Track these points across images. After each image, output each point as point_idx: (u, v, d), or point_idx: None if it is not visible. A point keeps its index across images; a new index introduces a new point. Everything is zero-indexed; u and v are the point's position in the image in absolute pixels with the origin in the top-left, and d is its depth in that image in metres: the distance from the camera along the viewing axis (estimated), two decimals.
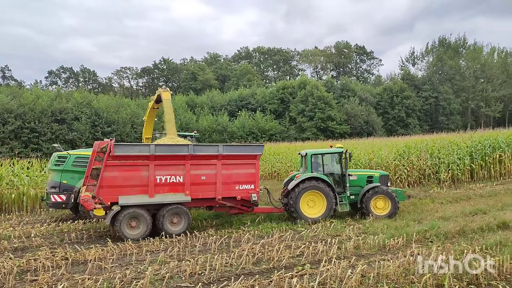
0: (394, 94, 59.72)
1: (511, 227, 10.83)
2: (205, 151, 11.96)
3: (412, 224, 11.75)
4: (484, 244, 8.80)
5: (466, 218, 12.19)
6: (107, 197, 10.81)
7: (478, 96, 67.45)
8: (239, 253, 8.78)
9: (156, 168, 11.26)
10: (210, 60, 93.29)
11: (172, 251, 9.24)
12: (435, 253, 7.94)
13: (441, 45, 75.38)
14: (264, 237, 10.62)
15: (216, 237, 10.47)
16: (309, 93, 54.00)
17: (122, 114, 43.52)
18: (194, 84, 79.95)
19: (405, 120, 58.91)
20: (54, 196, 13.63)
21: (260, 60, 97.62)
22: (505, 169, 22.07)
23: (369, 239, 9.81)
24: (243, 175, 12.39)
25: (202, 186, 11.84)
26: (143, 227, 11.02)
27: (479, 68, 68.75)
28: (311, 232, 11.03)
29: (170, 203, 11.37)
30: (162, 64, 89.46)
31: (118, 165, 10.95)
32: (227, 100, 59.40)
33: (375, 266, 7.49)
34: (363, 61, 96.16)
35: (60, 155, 14.14)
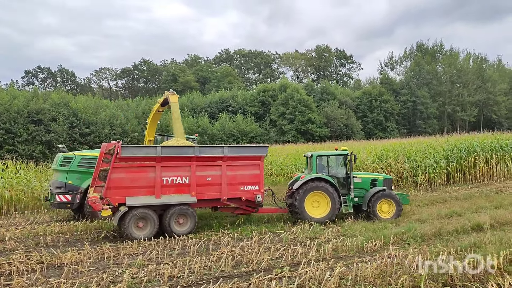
0: (373, 98, 60.53)
1: (485, 229, 11.09)
2: (210, 152, 12.26)
3: (389, 226, 11.93)
4: (459, 246, 8.99)
5: (442, 221, 12.44)
6: (114, 198, 10.97)
7: (454, 100, 68.93)
8: (218, 256, 8.75)
9: (163, 170, 11.48)
10: (191, 62, 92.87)
11: (151, 254, 9.15)
12: (411, 255, 8.06)
13: (419, 50, 76.80)
14: (243, 239, 10.62)
15: (195, 240, 10.44)
16: (289, 96, 54.28)
17: (101, 115, 42.86)
18: (175, 85, 79.34)
19: (384, 124, 59.74)
20: (60, 196, 13.76)
21: (241, 62, 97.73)
22: (479, 172, 22.61)
23: (348, 241, 9.91)
24: (247, 176, 12.63)
25: (208, 187, 12.06)
26: (150, 227, 11.19)
27: (455, 73, 70.30)
28: (291, 235, 11.09)
29: (176, 203, 11.56)
30: (142, 65, 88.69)
31: (125, 166, 11.16)
32: (207, 102, 59.17)
33: (353, 268, 7.58)
34: (343, 65, 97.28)
35: (65, 156, 14.30)
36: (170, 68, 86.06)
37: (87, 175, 13.54)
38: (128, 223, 10.92)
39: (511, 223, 11.96)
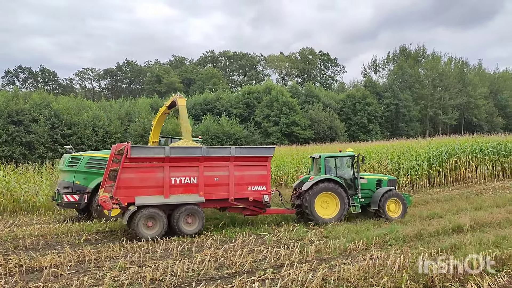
0: (357, 100, 61.02)
1: (465, 230, 11.28)
2: (218, 153, 12.48)
3: (372, 228, 12.03)
4: (440, 247, 9.12)
5: (423, 222, 12.62)
6: (124, 197, 11.13)
7: (436, 104, 69.94)
8: (201, 259, 8.70)
9: (171, 170, 11.65)
10: (175, 63, 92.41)
11: (133, 257, 9.04)
12: (393, 256, 8.14)
13: (402, 54, 77.77)
14: (227, 242, 10.57)
15: (178, 242, 10.35)
16: (274, 98, 54.39)
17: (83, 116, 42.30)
18: (159, 87, 78.91)
19: (367, 126, 60.26)
20: (67, 196, 13.99)
21: (226, 64, 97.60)
22: (460, 175, 23.01)
23: (331, 243, 9.96)
24: (255, 176, 12.79)
25: (216, 187, 12.23)
26: (159, 226, 11.35)
27: (437, 77, 71.36)
28: (274, 237, 11.10)
29: (184, 203, 11.72)
30: (125, 66, 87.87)
31: (135, 166, 11.33)
32: (192, 104, 58.88)
33: (335, 269, 7.61)
34: (327, 68, 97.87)
35: (73, 157, 14.48)
36: (154, 69, 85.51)
37: (94, 176, 14.03)
38: (137, 223, 11.05)
39: (490, 224, 12.19)
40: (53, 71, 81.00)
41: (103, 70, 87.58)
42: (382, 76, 78.54)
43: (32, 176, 19.98)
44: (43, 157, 37.50)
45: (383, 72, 79.63)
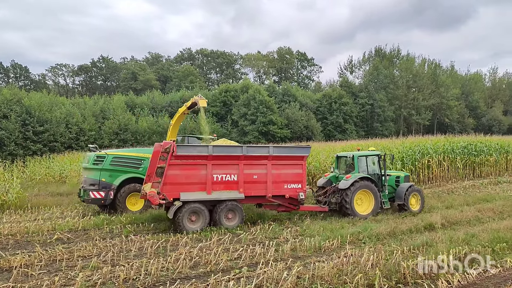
0: (333, 100, 61.61)
1: (437, 228, 11.54)
2: (257, 152, 13.00)
3: (346, 226, 12.17)
4: (412, 245, 9.31)
5: (397, 220, 12.84)
6: (170, 193, 11.70)
7: (410, 104, 71.29)
8: (176, 257, 8.62)
9: (213, 167, 12.22)
10: (152, 60, 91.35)
11: (106, 256, 8.90)
12: (367, 254, 8.25)
13: (377, 55, 78.95)
14: (202, 240, 10.51)
15: (152, 241, 10.22)
16: (251, 97, 54.41)
17: (56, 113, 41.42)
18: (134, 84, 77.85)
19: (343, 126, 60.93)
20: (94, 192, 14.62)
21: (203, 62, 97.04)
22: (432, 174, 23.54)
23: (306, 241, 10.03)
24: (291, 174, 13.32)
25: (254, 185, 12.80)
26: (201, 221, 11.99)
27: (411, 78, 72.74)
28: (250, 235, 11.10)
29: (225, 199, 12.27)
30: (100, 62, 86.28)
31: (180, 164, 11.90)
32: (168, 102, 58.35)
33: (310, 267, 7.67)
34: (304, 68, 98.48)
35: (98, 155, 15.13)
36: (130, 66, 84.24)
37: (119, 173, 14.91)
38: (182, 217, 11.63)
39: (460, 222, 12.52)
40: (25, 67, 78.74)
41: (77, 66, 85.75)
42: (358, 77, 79.61)
43: (2, 174, 19.38)
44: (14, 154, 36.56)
45: (358, 73, 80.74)
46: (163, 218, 13.78)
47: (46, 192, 21.96)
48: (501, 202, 15.63)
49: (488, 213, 13.71)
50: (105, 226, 12.58)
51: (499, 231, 10.36)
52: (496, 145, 27.59)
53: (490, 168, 26.80)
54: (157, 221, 13.49)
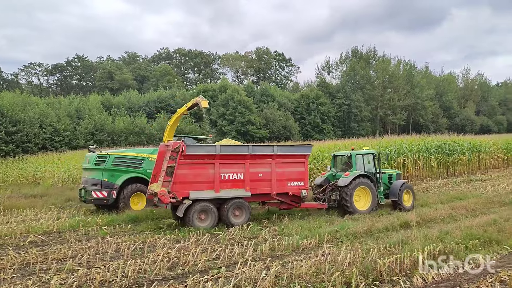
0: (311, 100, 62.06)
1: (412, 226, 11.75)
2: (262, 151, 13.50)
3: (324, 225, 12.28)
4: (388, 243, 9.44)
5: (373, 219, 13.02)
6: (179, 192, 11.93)
7: (386, 104, 72.41)
8: (154, 259, 8.54)
9: (221, 166, 12.51)
10: (128, 60, 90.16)
11: (81, 259, 8.74)
12: (344, 252, 8.35)
13: (353, 55, 79.81)
14: (180, 241, 10.43)
15: (129, 243, 10.07)
16: (229, 97, 54.33)
17: (30, 113, 40.45)
18: (111, 83, 76.69)
19: (320, 126, 61.44)
20: (96, 192, 14.88)
21: (181, 62, 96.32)
22: (408, 173, 23.98)
23: (284, 240, 10.08)
24: (294, 172, 13.78)
25: (260, 183, 13.18)
26: (210, 219, 12.27)
27: (387, 78, 73.88)
28: (228, 235, 11.08)
29: (233, 197, 12.59)
30: (75, 62, 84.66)
31: (189, 163, 12.15)
32: (145, 101, 57.76)
33: (288, 266, 7.71)
34: (282, 68, 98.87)
35: (100, 155, 15.41)
36: (106, 65, 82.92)
37: (121, 173, 15.24)
38: (192, 215, 11.93)
39: (435, 220, 12.78)
40: None
41: (51, 65, 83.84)
42: (335, 77, 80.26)
43: None
44: None
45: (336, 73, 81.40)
46: (141, 219, 13.65)
47: (19, 194, 21.43)
48: (474, 200, 16.02)
49: (461, 211, 14.05)
50: (81, 228, 12.36)
51: (472, 228, 10.62)
52: (468, 145, 28.32)
53: (463, 166, 27.50)
54: (134, 222, 13.34)
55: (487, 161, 29.48)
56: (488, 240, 9.75)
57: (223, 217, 12.41)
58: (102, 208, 15.64)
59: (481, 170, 28.59)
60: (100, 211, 15.82)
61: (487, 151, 29.54)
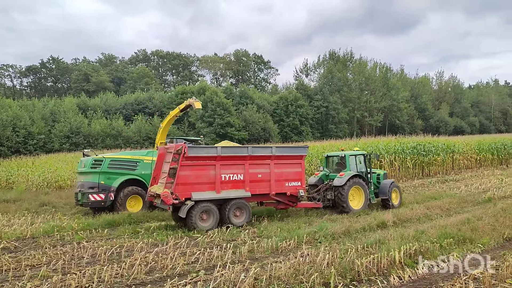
0: (289, 103, 62.33)
1: (389, 226, 11.93)
2: (261, 152, 13.82)
3: (303, 226, 12.35)
4: (366, 243, 9.55)
5: (351, 219, 13.16)
6: (182, 193, 12.02)
7: (363, 106, 73.37)
8: (131, 263, 8.42)
9: (221, 168, 12.73)
10: (105, 61, 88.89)
11: (56, 265, 8.54)
12: (322, 253, 8.41)
13: (331, 58, 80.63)
14: (158, 245, 10.31)
15: (106, 247, 9.90)
16: (208, 99, 54.09)
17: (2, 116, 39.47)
18: (87, 85, 75.47)
19: (299, 128, 61.75)
20: (94, 195, 15.16)
21: (159, 63, 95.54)
22: None
23: (263, 242, 10.09)
24: (291, 173, 14.11)
25: (259, 183, 13.46)
26: (212, 219, 12.46)
27: (364, 81, 74.91)
28: (207, 238, 11.01)
29: (233, 198, 12.82)
30: (50, 63, 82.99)
31: (191, 165, 12.31)
32: (122, 104, 57.03)
33: (267, 268, 7.72)
34: (261, 70, 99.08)
35: (96, 159, 15.71)
36: (82, 67, 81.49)
37: (117, 176, 15.58)
38: (194, 216, 12.03)
39: (411, 220, 13.02)
40: None
41: (25, 67, 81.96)
42: (313, 80, 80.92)
43: None
44: None
45: (314, 76, 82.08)
46: (118, 223, 13.45)
47: None
48: (448, 200, 16.39)
49: (436, 210, 14.35)
50: (56, 233, 12.08)
51: (446, 227, 10.85)
52: (443, 145, 28.96)
53: (438, 167, 28.08)
54: (111, 226, 13.14)
55: (460, 161, 30.18)
56: (462, 238, 9.97)
57: (224, 218, 12.59)
58: (98, 211, 15.60)
59: (455, 170, 29.25)
60: (76, 215, 15.54)
61: (460, 152, 30.26)
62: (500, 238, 10.26)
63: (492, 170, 29.65)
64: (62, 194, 21.38)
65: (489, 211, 13.21)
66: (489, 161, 32.49)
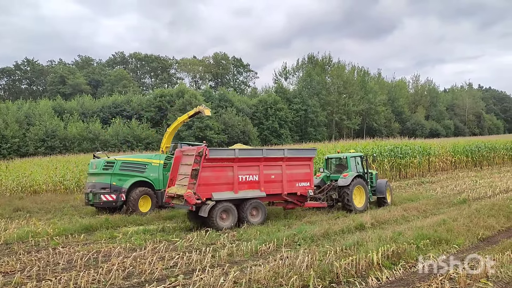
0: (268, 106, 62.63)
1: (367, 228, 12.05)
2: (274, 154, 14.46)
3: (282, 229, 12.35)
4: (344, 245, 9.61)
5: (330, 221, 13.25)
6: (203, 193, 12.50)
7: (341, 110, 74.27)
8: (108, 268, 8.26)
9: (239, 169, 13.25)
10: (82, 64, 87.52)
11: (31, 271, 8.31)
12: (302, 256, 8.43)
13: (310, 62, 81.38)
14: (136, 249, 10.15)
15: (83, 253, 9.69)
16: (187, 102, 53.85)
17: None
18: (63, 88, 74.14)
19: (278, 131, 62.07)
20: (106, 195, 15.78)
21: (137, 66, 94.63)
22: None
23: (243, 245, 10.04)
24: (301, 174, 14.77)
25: (272, 184, 14.04)
26: (231, 218, 12.92)
27: (342, 84, 75.89)
28: (186, 242, 10.91)
29: (250, 198, 13.37)
30: (25, 65, 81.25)
31: (211, 166, 12.80)
32: (99, 107, 56.24)
33: (247, 272, 7.70)
34: (240, 73, 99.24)
35: (108, 161, 16.42)
36: (58, 69, 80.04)
37: (128, 177, 16.31)
38: (215, 215, 12.46)
39: (388, 221, 13.18)
40: None
41: None
42: (292, 83, 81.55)
43: None
44: None
45: (292, 79, 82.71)
46: (95, 228, 13.22)
47: None
48: (424, 201, 16.68)
49: (413, 212, 14.57)
50: (31, 239, 11.76)
51: (423, 229, 11.02)
52: (419, 148, 29.52)
53: (414, 169, 28.61)
54: (88, 231, 12.89)
55: (436, 163, 30.82)
56: (438, 239, 10.14)
57: (242, 217, 13.07)
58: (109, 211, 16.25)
59: (431, 172, 29.84)
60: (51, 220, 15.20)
61: (436, 154, 30.90)
62: (474, 239, 10.50)
63: (466, 172, 30.37)
64: (37, 199, 20.91)
65: (464, 212, 13.47)
66: (464, 163, 33.29)
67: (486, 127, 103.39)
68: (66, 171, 25.10)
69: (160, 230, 13.15)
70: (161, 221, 14.57)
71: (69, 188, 23.52)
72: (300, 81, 77.16)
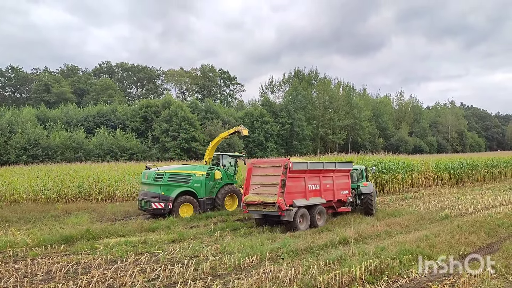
0: (255, 118, 62.80)
1: (350, 242, 12.05)
2: (329, 166, 16.64)
3: (266, 242, 12.26)
4: (328, 259, 9.59)
5: (314, 236, 13.23)
6: (288, 200, 14.33)
7: (327, 124, 74.84)
8: (88, 280, 8.12)
9: (308, 179, 15.42)
10: (67, 72, 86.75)
11: (8, 282, 8.13)
12: (285, 270, 8.39)
13: (296, 76, 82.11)
14: (117, 261, 10.00)
15: (62, 264, 9.49)
16: (173, 113, 53.71)
17: None
18: (47, 96, 73.31)
19: (264, 144, 62.18)
20: (156, 204, 17.38)
21: (123, 76, 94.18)
22: None
23: (226, 258, 9.95)
24: (344, 183, 17.38)
25: (327, 192, 16.36)
26: (306, 222, 14.94)
27: (328, 99, 76.62)
28: (168, 255, 10.78)
29: (317, 204, 15.49)
30: (9, 72, 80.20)
31: (293, 177, 14.73)
32: (84, 116, 55.67)
33: (229, 285, 7.64)
34: (227, 86, 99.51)
35: (158, 173, 17.88)
36: (42, 77, 79.17)
37: (174, 187, 17.94)
38: (297, 219, 14.37)
39: (372, 236, 13.21)
40: None
41: None
42: (278, 97, 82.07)
43: None
44: None
45: (279, 93, 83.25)
46: (76, 239, 12.96)
47: None
48: (407, 217, 16.78)
49: (396, 227, 14.65)
50: (8, 249, 11.47)
51: (406, 244, 11.09)
52: (403, 164, 29.79)
53: (398, 184, 28.82)
54: (68, 242, 12.63)
55: (419, 179, 31.13)
56: (420, 254, 10.21)
57: (312, 221, 15.05)
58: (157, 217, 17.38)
59: (414, 188, 30.11)
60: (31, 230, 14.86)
61: (419, 170, 31.22)
62: (456, 255, 10.59)
63: (449, 188, 30.73)
64: (16, 208, 20.44)
65: (446, 228, 13.60)
66: (446, 180, 33.69)
67: (468, 145, 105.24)
68: (48, 180, 24.62)
69: (142, 242, 12.93)
70: (143, 233, 14.35)
71: (50, 198, 23.05)
72: (286, 95, 77.71)
